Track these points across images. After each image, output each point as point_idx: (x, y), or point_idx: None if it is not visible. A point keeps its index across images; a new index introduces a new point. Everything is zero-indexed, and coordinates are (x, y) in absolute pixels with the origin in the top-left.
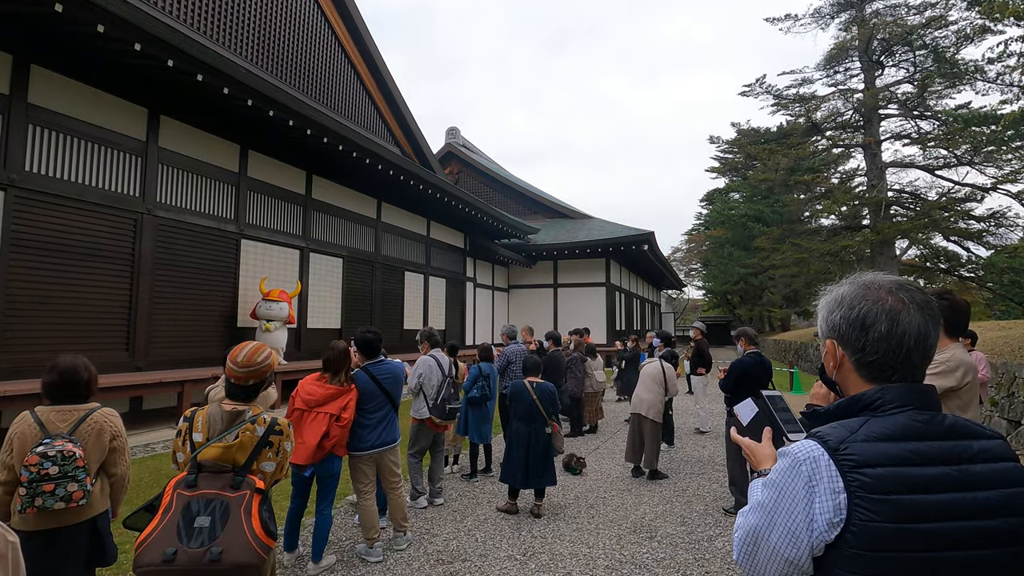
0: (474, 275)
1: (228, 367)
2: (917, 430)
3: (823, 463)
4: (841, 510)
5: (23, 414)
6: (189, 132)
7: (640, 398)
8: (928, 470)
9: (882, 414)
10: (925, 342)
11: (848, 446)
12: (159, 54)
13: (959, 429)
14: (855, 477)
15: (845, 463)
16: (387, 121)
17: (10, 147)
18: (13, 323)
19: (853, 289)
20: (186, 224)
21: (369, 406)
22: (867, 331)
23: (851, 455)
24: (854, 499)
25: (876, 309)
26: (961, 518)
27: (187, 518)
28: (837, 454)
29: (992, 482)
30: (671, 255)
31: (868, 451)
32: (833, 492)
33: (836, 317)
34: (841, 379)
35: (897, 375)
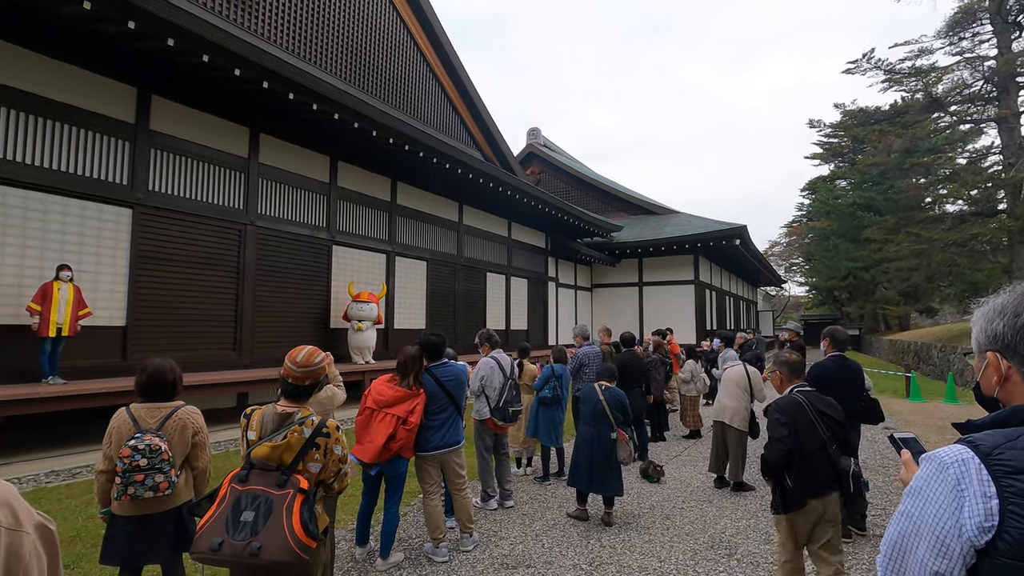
0: (556, 275)
1: (286, 367)
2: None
3: (973, 467)
4: (993, 515)
5: (120, 410)
6: (284, 148)
7: (723, 405)
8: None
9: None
10: None
11: (1003, 452)
12: (255, 77)
13: None
14: (1010, 483)
15: (999, 468)
16: (468, 125)
17: (136, 170)
18: (140, 326)
19: (1016, 297)
20: (283, 233)
21: (433, 408)
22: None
23: (1007, 461)
24: (1007, 505)
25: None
26: None
27: (236, 511)
28: (990, 459)
29: None
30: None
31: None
32: (985, 496)
33: (999, 327)
34: (1006, 395)
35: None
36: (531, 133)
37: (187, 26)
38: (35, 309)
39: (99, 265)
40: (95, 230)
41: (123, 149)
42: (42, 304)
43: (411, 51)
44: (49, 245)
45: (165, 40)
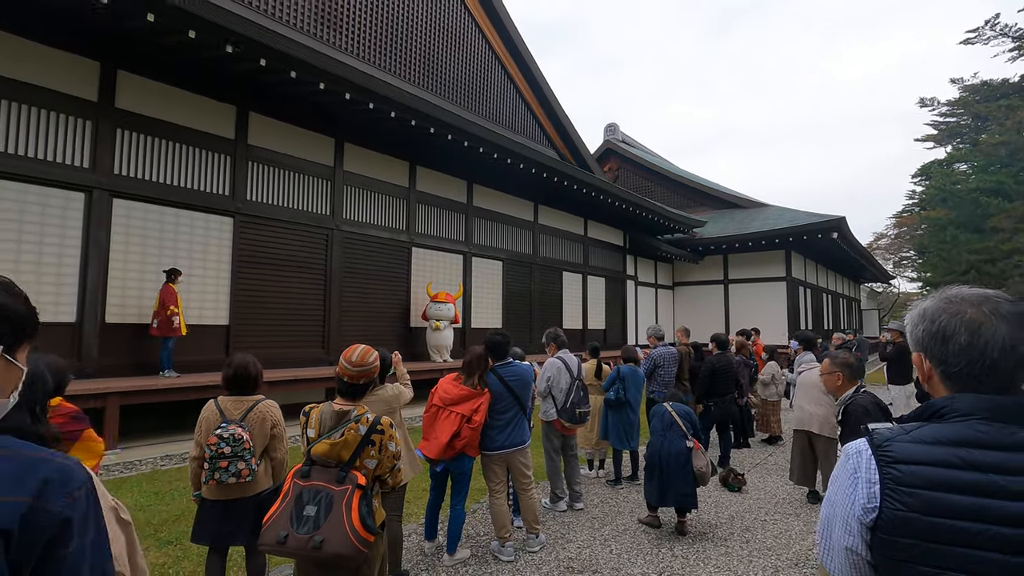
0: (635, 273)
1: (342, 365)
2: (974, 438)
3: (865, 457)
4: (875, 498)
5: (209, 402)
6: (366, 155)
7: (808, 412)
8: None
9: (945, 421)
10: (1012, 353)
11: (891, 444)
12: (338, 89)
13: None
14: (888, 471)
15: (884, 458)
16: (543, 124)
17: (236, 181)
18: (240, 325)
19: (935, 303)
20: (366, 236)
21: (498, 407)
22: (947, 343)
23: (890, 452)
24: (885, 490)
25: (955, 322)
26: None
27: (299, 506)
28: (879, 450)
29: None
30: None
31: (908, 450)
32: (869, 482)
33: (920, 331)
34: (931, 391)
35: (985, 386)
36: (608, 129)
37: (276, 45)
38: (176, 311)
39: (206, 269)
40: (203, 238)
41: (225, 163)
42: (177, 306)
43: (485, 52)
44: (166, 252)
45: (258, 60)
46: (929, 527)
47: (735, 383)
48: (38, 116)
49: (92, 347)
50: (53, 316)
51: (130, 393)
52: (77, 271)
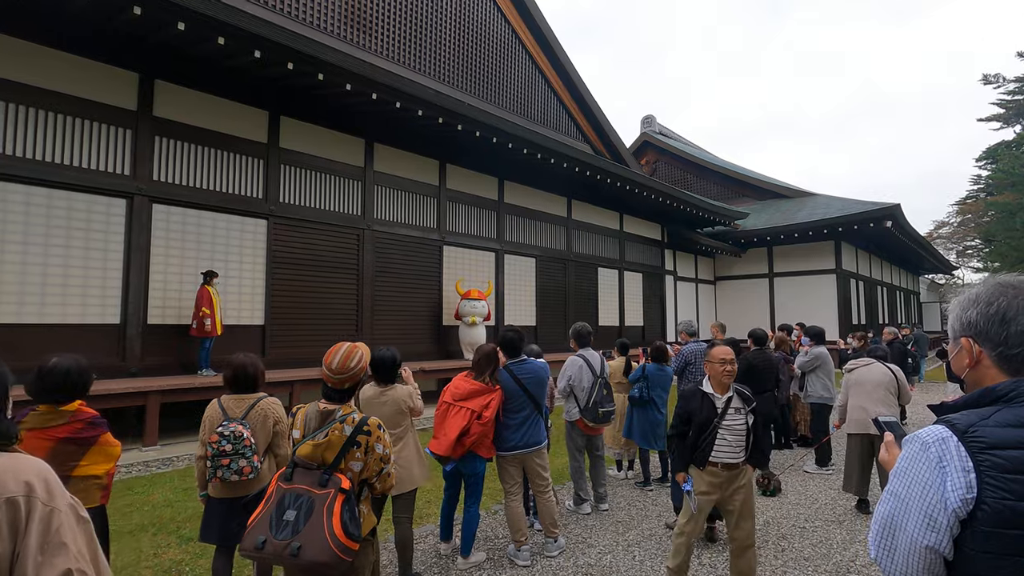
0: (674, 268)
1: (323, 372)
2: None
3: (952, 444)
4: (972, 488)
5: (212, 401)
6: (396, 154)
7: (873, 413)
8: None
9: (1015, 404)
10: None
11: (977, 429)
12: (365, 90)
13: None
14: (985, 458)
15: (975, 444)
16: (576, 119)
17: (269, 184)
18: (275, 324)
19: (988, 288)
20: (397, 236)
21: (512, 406)
22: (1008, 324)
23: (981, 437)
24: (984, 478)
25: (1017, 304)
26: None
27: (280, 510)
28: (966, 436)
29: None
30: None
31: (999, 434)
32: (964, 471)
33: (972, 314)
34: (975, 377)
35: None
36: (645, 121)
37: (303, 49)
38: (208, 313)
39: (242, 271)
40: (238, 240)
41: (258, 166)
42: (210, 307)
43: (515, 47)
44: (203, 255)
45: (285, 64)
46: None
47: (774, 381)
48: (81, 127)
49: (135, 347)
50: (100, 318)
51: (169, 392)
52: (120, 274)
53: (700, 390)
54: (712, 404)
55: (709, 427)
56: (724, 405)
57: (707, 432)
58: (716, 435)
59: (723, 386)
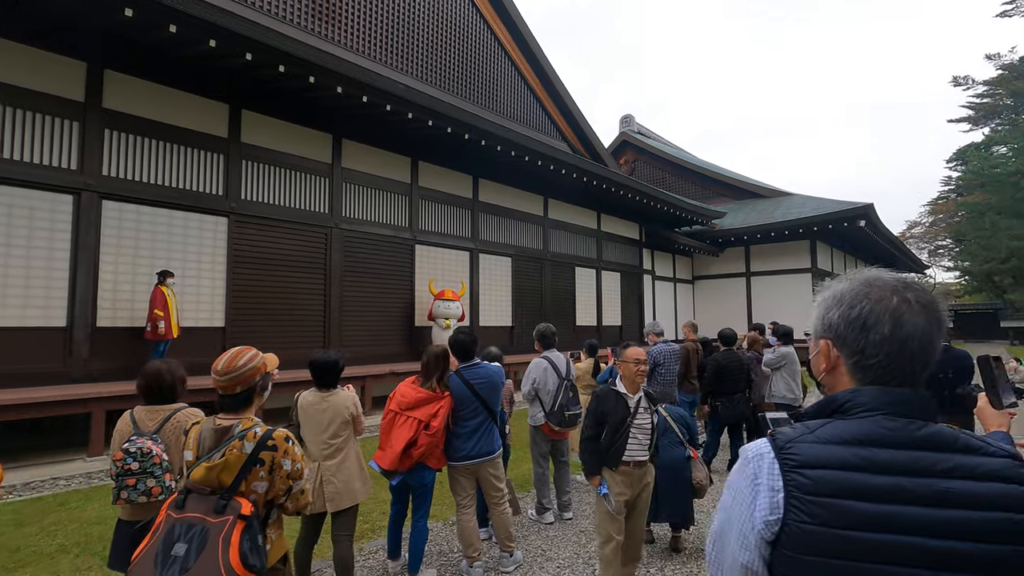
0: (652, 267)
1: (212, 378)
2: (880, 436)
3: (767, 461)
4: (778, 509)
5: (125, 413)
6: (366, 151)
7: None
8: (877, 478)
9: (849, 417)
10: (929, 346)
11: (794, 445)
12: (329, 83)
13: (939, 441)
14: (793, 477)
15: (787, 462)
16: (553, 118)
17: (230, 181)
18: (237, 326)
19: (854, 286)
20: (367, 234)
21: (463, 413)
22: (868, 332)
23: (794, 454)
24: (790, 499)
25: (879, 309)
26: (911, 533)
27: (167, 543)
28: (782, 452)
29: (967, 502)
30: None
31: (814, 452)
32: (772, 490)
33: (834, 316)
34: (831, 382)
35: (895, 380)
36: (624, 121)
37: (261, 39)
38: (161, 315)
39: (201, 270)
40: (197, 238)
41: (218, 162)
42: (164, 309)
43: (492, 45)
44: (158, 254)
45: (243, 55)
46: (837, 542)
47: (746, 382)
48: (23, 118)
49: (83, 351)
50: (43, 321)
51: (115, 399)
52: (67, 275)
53: (614, 391)
54: (626, 404)
55: (623, 427)
56: (636, 405)
57: (621, 432)
58: (629, 435)
59: (635, 386)
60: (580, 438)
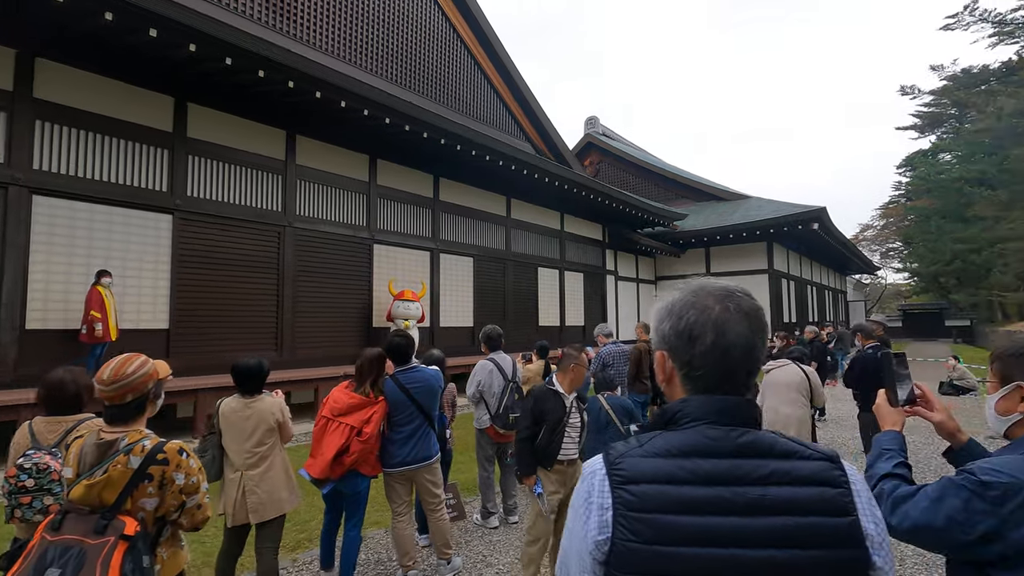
0: (615, 268)
1: (97, 388)
2: (704, 446)
3: (599, 477)
4: (607, 527)
5: (23, 424)
6: (321, 148)
7: (782, 415)
8: (699, 490)
9: (677, 428)
10: (751, 354)
11: (623, 460)
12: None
13: (757, 447)
14: (620, 494)
15: (615, 478)
16: (518, 119)
17: (175, 176)
18: (182, 329)
19: (683, 296)
20: (322, 233)
21: (398, 418)
22: (694, 343)
23: (622, 470)
24: (617, 517)
25: (703, 319)
26: (730, 545)
27: (39, 569)
28: (612, 468)
29: (782, 508)
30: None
31: (639, 467)
32: (601, 508)
33: (666, 327)
34: (670, 392)
35: (721, 389)
36: (589, 122)
37: (204, 29)
38: (98, 317)
39: (143, 270)
40: (139, 236)
41: (162, 157)
42: (101, 311)
43: (455, 45)
44: (96, 252)
45: (187, 46)
46: (659, 560)
47: None
48: None
49: (10, 355)
50: None
51: None
52: None
53: (551, 390)
54: (563, 403)
55: (560, 426)
56: (570, 404)
57: (558, 431)
58: (564, 433)
59: (573, 386)
60: (516, 438)
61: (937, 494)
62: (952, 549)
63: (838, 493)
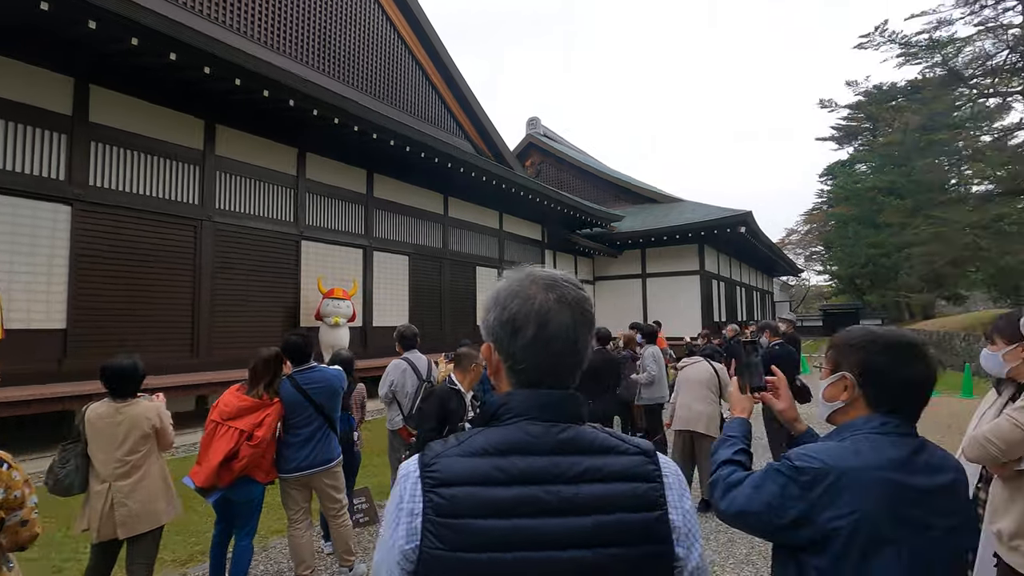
0: (554, 267)
1: None
2: (523, 443)
3: (411, 480)
4: (415, 535)
5: None
6: (245, 139)
7: (695, 411)
8: (512, 491)
9: (499, 424)
10: (574, 346)
11: (438, 461)
12: (194, 62)
13: (577, 443)
14: (431, 497)
15: (428, 480)
16: (458, 118)
17: (74, 164)
18: (82, 328)
19: (508, 285)
20: (246, 228)
21: (295, 420)
22: (517, 336)
23: (435, 472)
24: (426, 523)
25: (526, 309)
26: (539, 547)
27: None
28: (425, 470)
29: (592, 506)
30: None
31: (453, 467)
32: (411, 514)
33: (491, 318)
34: (499, 387)
35: (545, 383)
36: (530, 123)
37: (103, 5)
38: None
39: (35, 265)
40: (29, 228)
41: (59, 143)
42: None
43: (394, 42)
44: None
45: (86, 23)
46: (463, 567)
47: (616, 379)
48: None
49: None
50: None
51: None
52: None
53: (454, 390)
54: (463, 401)
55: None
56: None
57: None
58: None
59: (472, 384)
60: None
61: (759, 480)
62: (770, 534)
63: (649, 488)
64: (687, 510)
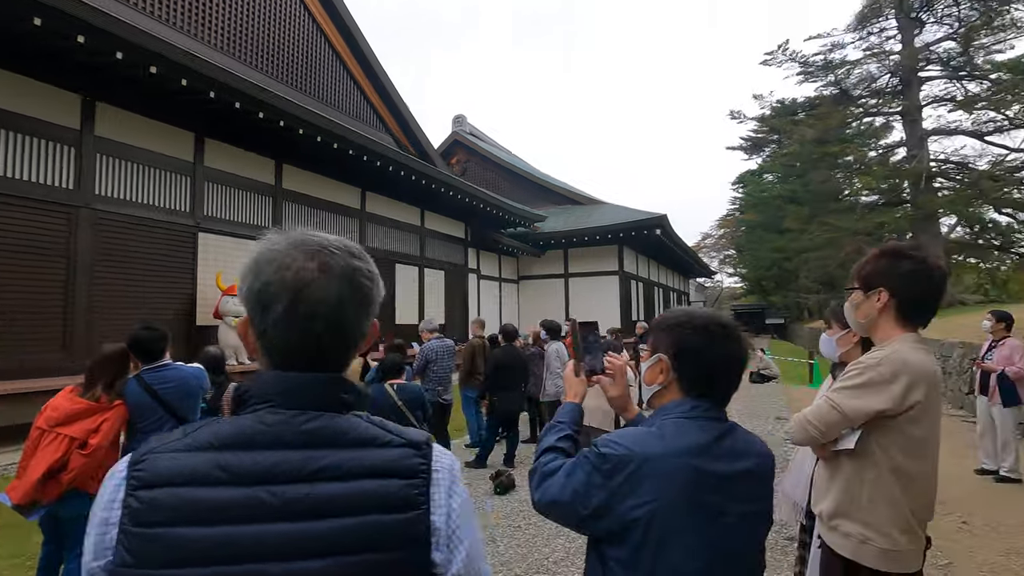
0: (477, 266)
1: None
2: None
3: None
4: (107, 550)
5: None
6: (132, 119)
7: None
8: (228, 492)
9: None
10: (339, 324)
11: (147, 458)
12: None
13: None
14: (130, 502)
15: (133, 481)
16: (379, 112)
17: None
18: None
19: (268, 248)
20: (131, 217)
21: (143, 425)
22: (269, 309)
23: (141, 471)
24: (120, 534)
25: (279, 278)
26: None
27: None
28: (132, 469)
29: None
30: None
31: (165, 465)
32: (106, 524)
33: (244, 287)
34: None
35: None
36: (456, 120)
37: None
38: None
39: None
40: None
41: None
42: None
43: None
44: None
45: None
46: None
47: (524, 376)
48: None
49: None
50: None
51: None
52: None
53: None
54: None
55: None
56: None
57: None
58: None
59: None
60: None
61: (570, 469)
62: (576, 524)
63: (405, 485)
64: (454, 509)
